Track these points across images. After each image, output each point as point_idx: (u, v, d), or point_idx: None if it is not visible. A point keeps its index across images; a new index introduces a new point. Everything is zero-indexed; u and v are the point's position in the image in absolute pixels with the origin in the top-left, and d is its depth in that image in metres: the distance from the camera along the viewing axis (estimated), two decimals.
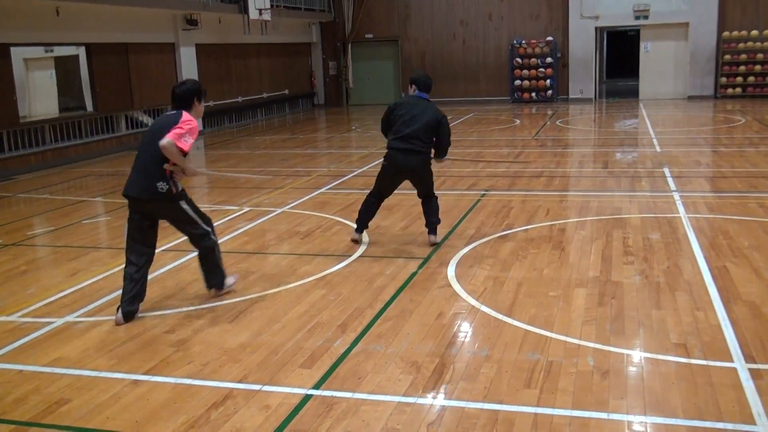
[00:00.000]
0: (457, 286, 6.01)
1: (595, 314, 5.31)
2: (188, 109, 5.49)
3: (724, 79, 22.46)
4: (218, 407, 4.13)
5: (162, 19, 17.54)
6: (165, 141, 5.19)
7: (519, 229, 7.83)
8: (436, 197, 7.34)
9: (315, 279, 6.41)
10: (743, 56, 22.12)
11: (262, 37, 21.01)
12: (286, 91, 24.04)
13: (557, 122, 18.46)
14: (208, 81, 19.50)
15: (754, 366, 4.37)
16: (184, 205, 5.57)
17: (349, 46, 25.49)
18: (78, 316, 5.73)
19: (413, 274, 6.39)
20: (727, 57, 22.30)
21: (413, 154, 6.94)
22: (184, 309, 5.79)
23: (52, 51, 18.37)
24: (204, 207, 9.79)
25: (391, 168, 7.08)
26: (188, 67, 18.51)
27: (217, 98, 20.08)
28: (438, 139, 7.04)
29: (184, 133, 5.29)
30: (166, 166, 5.33)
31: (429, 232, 7.31)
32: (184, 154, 5.32)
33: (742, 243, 6.95)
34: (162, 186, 5.34)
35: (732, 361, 4.46)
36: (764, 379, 4.20)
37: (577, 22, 23.23)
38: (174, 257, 7.27)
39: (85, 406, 4.22)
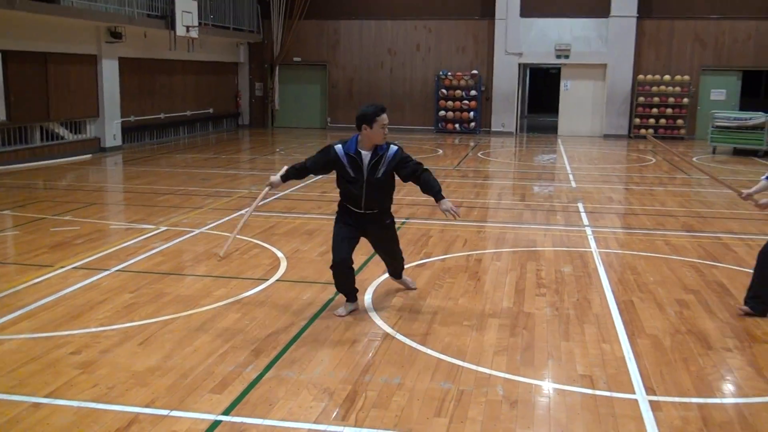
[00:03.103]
0: (373, 314, 6.03)
1: (507, 344, 5.42)
2: None
3: (637, 120, 23.44)
4: None
5: (85, 31, 17.13)
6: None
7: (436, 258, 7.93)
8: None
9: (230, 302, 6.32)
10: (656, 99, 23.16)
11: (188, 54, 20.77)
12: (211, 110, 23.77)
13: (479, 154, 18.85)
14: (130, 96, 19.13)
15: (654, 398, 4.54)
16: None
17: (277, 68, 25.46)
18: None
19: (330, 300, 6.38)
20: (641, 99, 23.30)
21: None
22: (93, 330, 5.62)
23: None
24: (118, 225, 9.61)
25: None
26: (110, 81, 18.11)
27: (139, 114, 19.69)
28: None
29: None
30: None
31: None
32: None
33: (648, 278, 7.23)
34: None
35: (634, 392, 4.62)
36: (663, 411, 4.36)
37: (502, 57, 23.86)
38: (84, 276, 7.06)
39: None
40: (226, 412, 4.27)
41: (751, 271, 6.20)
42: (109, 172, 15.59)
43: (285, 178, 6.03)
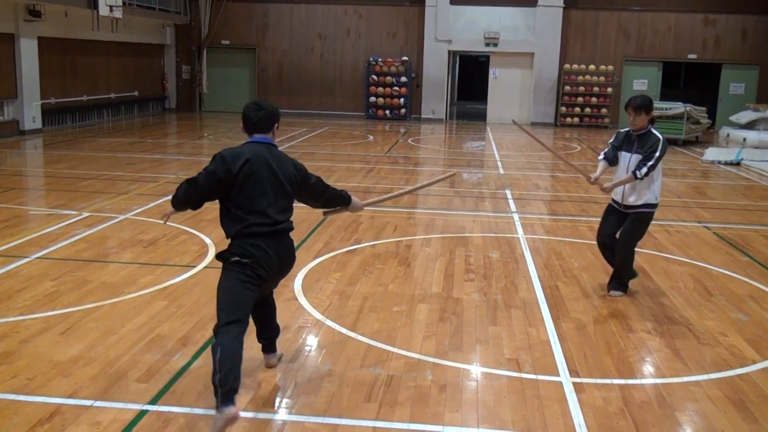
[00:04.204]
0: (303, 300, 6.02)
1: (436, 329, 5.49)
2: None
3: (564, 109, 23.96)
4: (44, 424, 3.90)
5: (1, 8, 16.42)
6: None
7: (367, 244, 7.95)
8: None
9: (157, 290, 6.20)
10: (581, 88, 23.71)
11: (112, 34, 20.14)
12: (136, 93, 23.14)
13: (409, 140, 18.94)
14: (51, 77, 18.45)
15: (578, 380, 4.67)
16: None
17: (205, 51, 24.95)
18: None
19: None
20: (567, 88, 23.81)
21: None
22: (12, 319, 5.43)
23: None
24: (38, 211, 9.29)
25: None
26: (29, 61, 17.40)
27: (60, 96, 19.02)
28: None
29: None
30: None
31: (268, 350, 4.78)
32: None
33: (573, 264, 7.42)
34: None
35: (558, 375, 4.75)
36: (586, 393, 4.50)
37: (432, 44, 23.98)
38: (2, 263, 6.80)
39: None
40: (153, 402, 4.19)
41: (670, 256, 6.42)
42: (29, 155, 15.03)
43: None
